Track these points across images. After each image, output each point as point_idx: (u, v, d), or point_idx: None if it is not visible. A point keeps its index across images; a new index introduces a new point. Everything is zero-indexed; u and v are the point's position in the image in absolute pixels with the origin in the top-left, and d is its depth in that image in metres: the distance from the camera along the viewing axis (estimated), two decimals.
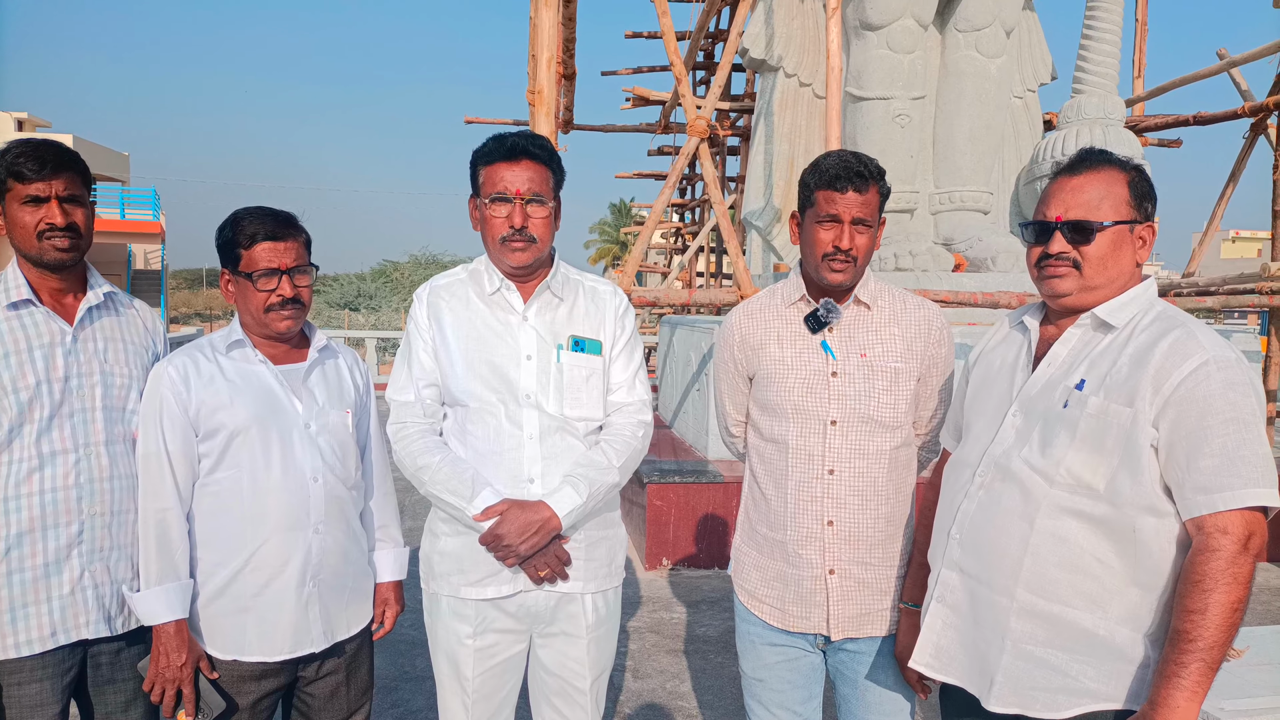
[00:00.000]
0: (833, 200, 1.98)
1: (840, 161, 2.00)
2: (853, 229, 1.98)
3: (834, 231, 1.99)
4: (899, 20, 6.39)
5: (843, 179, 1.97)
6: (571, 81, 8.10)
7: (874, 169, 2.01)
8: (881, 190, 2.04)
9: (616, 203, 48.15)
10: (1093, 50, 6.51)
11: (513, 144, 2.09)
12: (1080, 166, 1.71)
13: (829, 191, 1.98)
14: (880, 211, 2.05)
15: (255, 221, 2.07)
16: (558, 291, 2.18)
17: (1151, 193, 1.72)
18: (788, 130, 7.44)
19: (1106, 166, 1.69)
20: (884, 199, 2.06)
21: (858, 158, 2.02)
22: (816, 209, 2.01)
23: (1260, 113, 7.10)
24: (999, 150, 7.04)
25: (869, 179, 1.99)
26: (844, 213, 1.97)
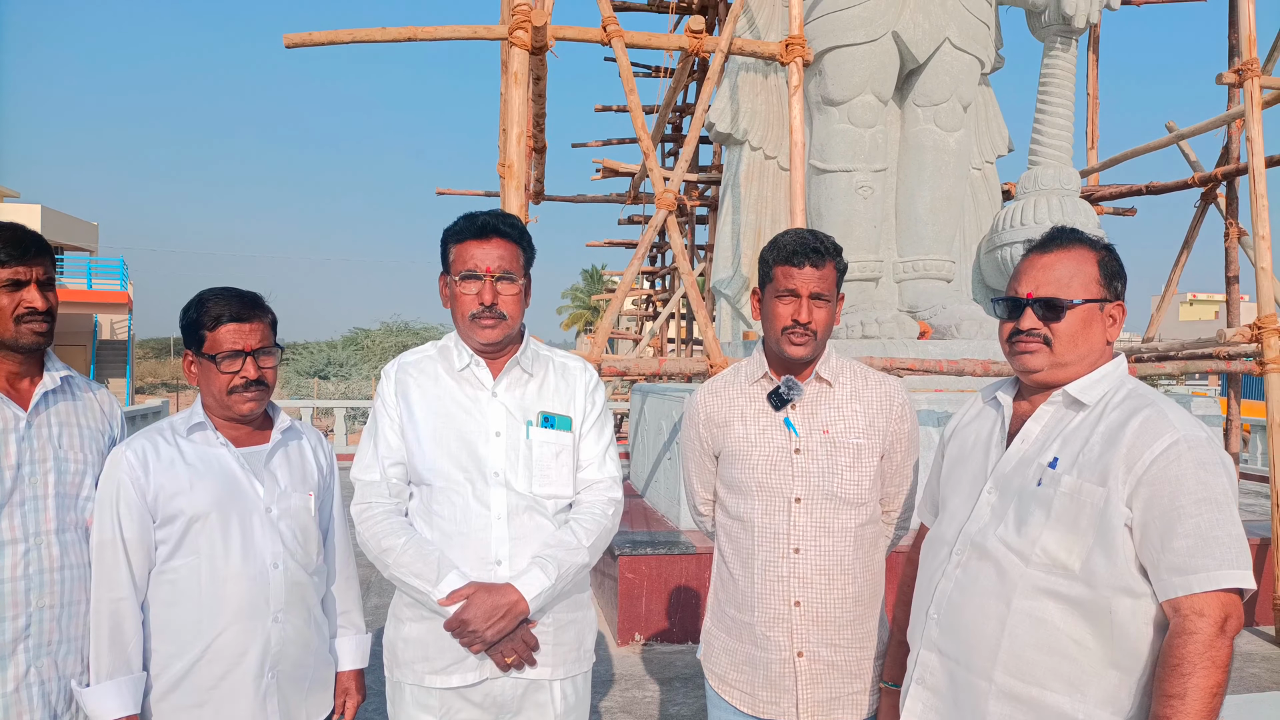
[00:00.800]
0: (790, 275, 2.02)
1: (797, 238, 2.05)
2: (811, 303, 2.02)
3: (792, 306, 2.02)
4: (859, 96, 6.58)
5: (799, 255, 2.01)
6: (542, 154, 8.22)
7: (830, 245, 2.05)
8: (838, 266, 2.07)
9: (589, 269, 48.57)
10: (1047, 124, 6.73)
11: (483, 222, 2.11)
12: (1051, 245, 1.74)
13: (787, 267, 2.02)
14: (839, 287, 2.09)
15: (220, 303, 2.05)
16: (527, 367, 2.18)
17: (1121, 272, 1.75)
18: (754, 201, 7.57)
19: (1077, 245, 1.73)
20: (841, 274, 2.09)
21: (814, 235, 2.06)
22: (775, 284, 2.05)
23: (1209, 183, 7.36)
24: (960, 220, 7.21)
25: (825, 255, 2.03)
26: (801, 287, 2.01)
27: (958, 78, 6.66)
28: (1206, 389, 19.55)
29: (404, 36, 4.98)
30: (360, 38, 4.92)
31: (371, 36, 4.92)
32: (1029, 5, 6.70)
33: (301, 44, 4.82)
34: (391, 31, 4.93)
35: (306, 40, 4.82)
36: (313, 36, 4.84)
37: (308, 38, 4.83)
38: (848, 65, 6.54)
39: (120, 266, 28.65)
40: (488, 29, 5.09)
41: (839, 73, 6.59)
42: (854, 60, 6.52)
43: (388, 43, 4.98)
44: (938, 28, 6.50)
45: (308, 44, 4.83)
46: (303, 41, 4.82)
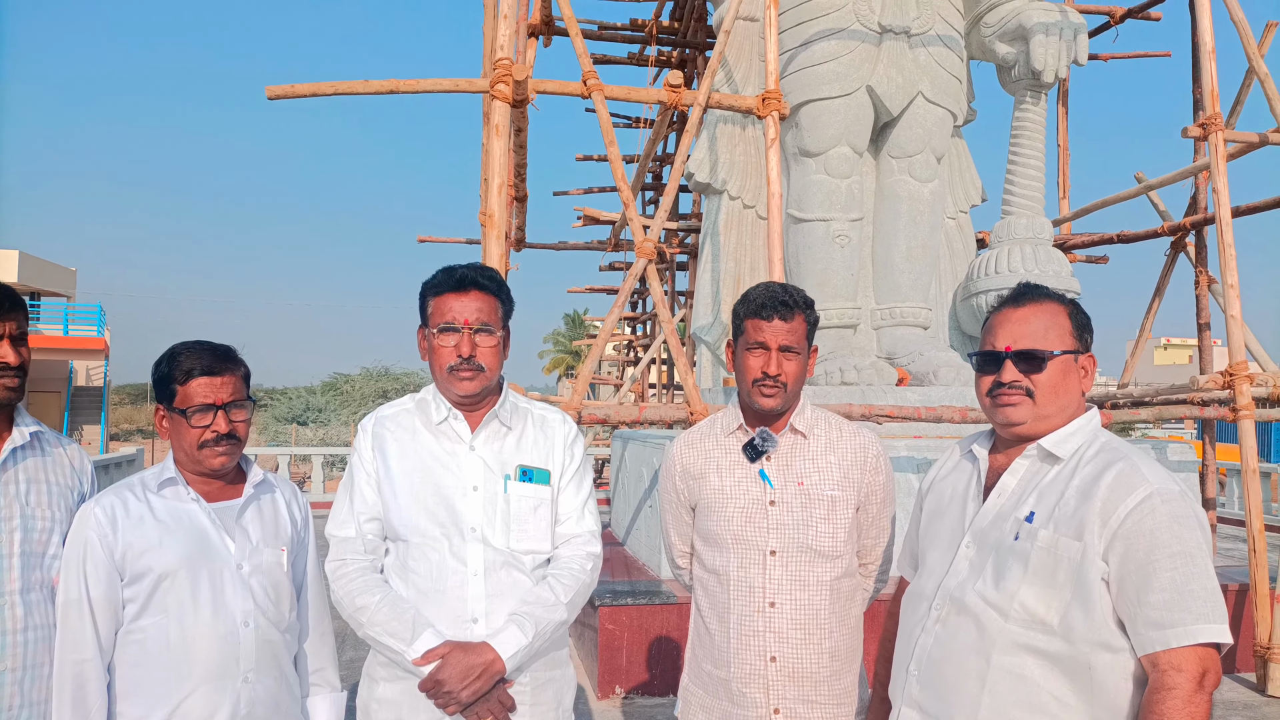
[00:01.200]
0: (760, 328, 2.04)
1: (767, 292, 2.08)
2: (780, 355, 2.04)
3: (762, 358, 2.04)
4: (835, 148, 6.70)
5: (769, 308, 2.04)
6: (523, 203, 8.29)
7: (799, 299, 2.08)
8: (809, 319, 2.10)
9: (570, 314, 48.69)
10: (1019, 174, 6.87)
11: (462, 275, 2.12)
12: (1023, 299, 1.78)
13: (756, 320, 2.05)
14: (810, 339, 2.11)
15: (192, 356, 2.04)
16: (505, 420, 2.17)
17: (1089, 324, 1.79)
18: (733, 249, 7.65)
19: (1046, 299, 1.77)
20: (812, 327, 2.12)
21: (784, 288, 2.09)
22: (746, 337, 2.08)
23: (1178, 232, 7.51)
24: (935, 268, 7.31)
25: (794, 308, 2.06)
26: (771, 340, 2.04)
27: (931, 130, 6.80)
28: (1183, 433, 19.74)
29: (386, 89, 5.04)
30: (342, 90, 4.97)
31: (354, 89, 4.97)
32: (999, 61, 6.88)
33: (284, 95, 4.86)
34: (374, 84, 4.99)
35: (289, 92, 4.86)
36: (295, 89, 4.88)
37: (290, 89, 4.87)
38: (824, 118, 6.67)
39: (98, 312, 28.44)
40: (470, 82, 5.16)
41: (815, 125, 6.71)
42: (830, 113, 6.64)
43: (370, 95, 5.04)
44: (911, 82, 6.65)
45: (290, 96, 4.87)
46: (285, 93, 4.87)
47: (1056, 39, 6.42)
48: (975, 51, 7.14)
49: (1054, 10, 6.60)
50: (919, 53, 6.65)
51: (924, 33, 6.61)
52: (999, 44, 6.81)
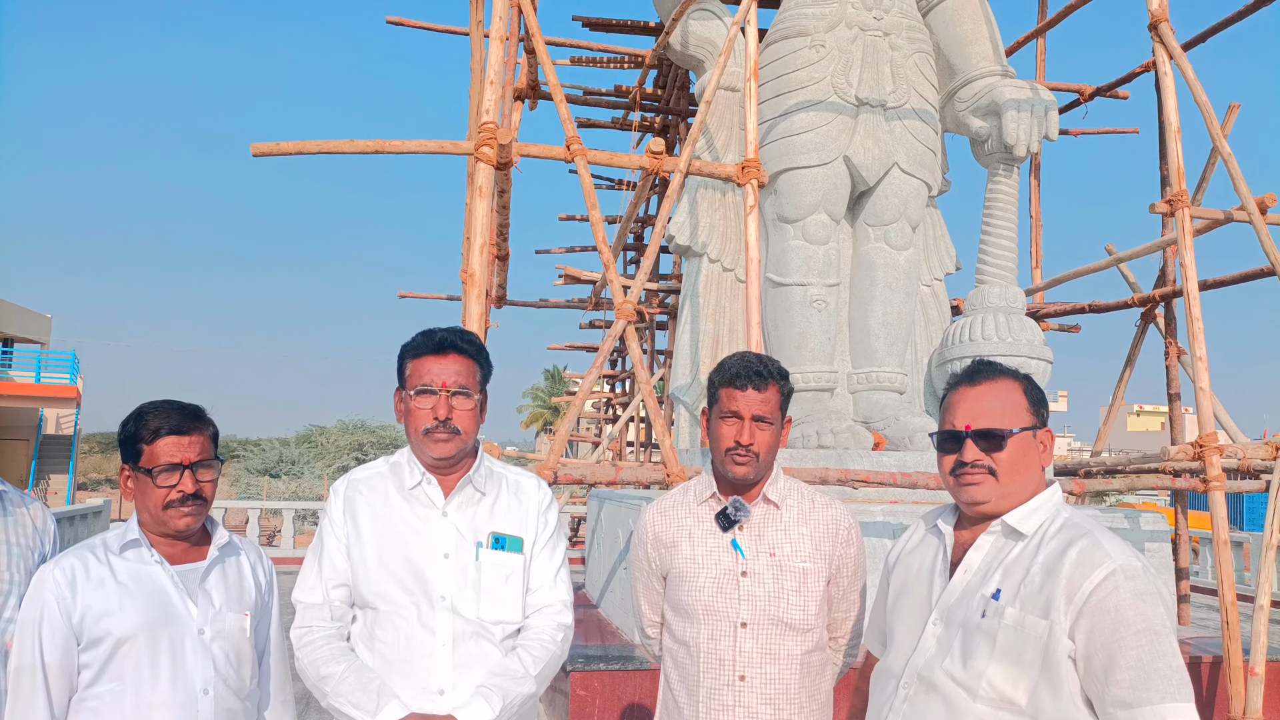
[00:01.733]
0: (734, 397, 2.07)
1: (742, 361, 2.10)
2: (753, 425, 2.06)
3: (735, 427, 2.06)
4: (813, 215, 6.83)
5: (742, 377, 2.07)
6: (505, 261, 8.34)
7: (774, 369, 2.11)
8: (782, 389, 2.12)
9: (550, 369, 48.65)
10: (992, 244, 7.00)
11: (441, 338, 2.14)
12: (978, 377, 1.81)
13: (730, 389, 2.08)
14: (784, 409, 2.13)
15: (160, 416, 2.03)
16: (480, 485, 2.16)
17: (1044, 399, 1.82)
18: (712, 310, 7.71)
19: (1001, 376, 1.80)
20: (786, 397, 2.14)
21: (759, 358, 2.12)
22: (720, 406, 2.10)
23: (1148, 303, 7.66)
24: (910, 333, 7.40)
25: (768, 378, 2.08)
26: (744, 409, 2.06)
27: (906, 200, 6.94)
28: (1156, 499, 19.88)
29: (371, 149, 5.10)
30: (328, 149, 5.03)
31: (339, 148, 5.03)
32: (973, 135, 7.07)
33: (269, 153, 4.90)
34: (359, 144, 5.05)
35: (274, 150, 4.91)
36: (280, 146, 4.93)
37: (275, 147, 4.92)
38: (802, 186, 6.80)
39: (71, 360, 28.13)
40: (454, 144, 5.24)
41: (793, 192, 6.84)
42: (808, 181, 6.78)
43: (356, 154, 5.09)
44: (886, 153, 6.81)
45: (275, 153, 4.92)
46: (270, 151, 4.91)
47: (1028, 115, 6.61)
48: (949, 125, 7.34)
49: (1025, 88, 6.81)
50: (895, 125, 6.82)
51: (899, 106, 6.80)
52: (973, 118, 7.00)
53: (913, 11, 7.03)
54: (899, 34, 6.80)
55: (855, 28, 6.72)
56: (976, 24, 7.19)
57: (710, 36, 7.45)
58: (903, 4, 6.89)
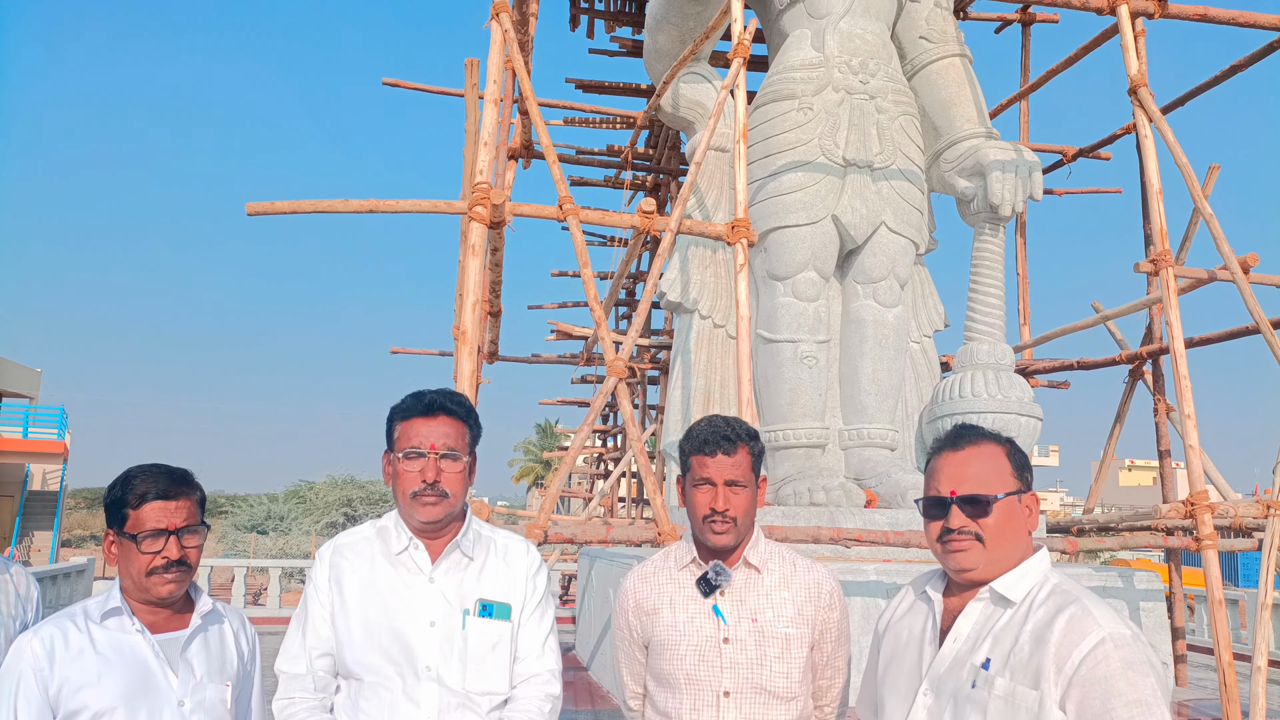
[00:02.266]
0: (704, 464, 2.06)
1: (709, 427, 2.11)
2: (727, 490, 2.05)
3: (709, 494, 2.06)
4: (803, 273, 6.90)
5: (711, 443, 2.07)
6: (497, 318, 8.38)
7: (743, 431, 2.10)
8: (753, 450, 2.12)
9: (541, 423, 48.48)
10: (979, 302, 7.07)
11: (430, 400, 2.14)
12: (961, 441, 1.81)
13: (700, 456, 2.08)
14: (756, 470, 2.12)
15: (147, 480, 2.02)
16: (468, 550, 2.14)
17: (1027, 463, 1.82)
18: (703, 366, 7.74)
19: (984, 441, 1.80)
20: (757, 458, 2.13)
21: (727, 422, 2.12)
22: (692, 473, 2.10)
23: (1135, 360, 7.72)
24: (901, 390, 7.42)
25: (737, 441, 2.08)
26: (716, 475, 2.05)
27: (894, 258, 7.03)
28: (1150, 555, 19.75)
29: (366, 208, 5.15)
30: (322, 208, 5.08)
31: (333, 207, 5.08)
32: (959, 195, 7.18)
33: (263, 212, 4.95)
34: (354, 203, 5.10)
35: (269, 209, 4.96)
36: (275, 205, 4.98)
37: (270, 206, 4.97)
38: (791, 244, 6.88)
39: (59, 415, 27.93)
40: (448, 204, 5.30)
41: (783, 251, 6.92)
42: (797, 240, 6.86)
43: (350, 214, 5.14)
44: (874, 213, 6.91)
45: (270, 212, 4.96)
46: (265, 210, 4.96)
47: (1013, 176, 6.73)
48: (935, 185, 7.47)
49: (1009, 149, 6.95)
50: (882, 185, 6.93)
51: (886, 167, 6.92)
52: (958, 179, 7.12)
53: (898, 76, 7.20)
54: (885, 97, 6.95)
55: (842, 91, 6.87)
56: (960, 88, 7.36)
57: (700, 99, 7.60)
58: (888, 68, 7.05)
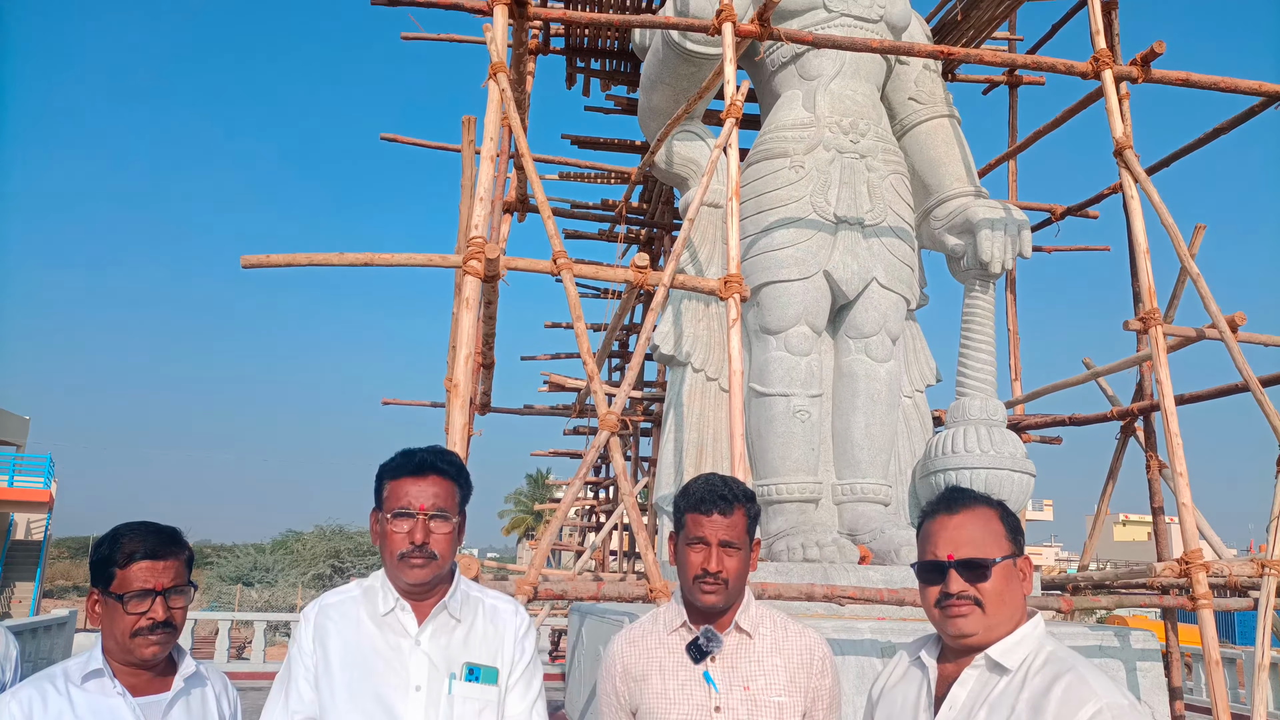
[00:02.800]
0: (699, 523, 2.05)
1: (706, 485, 2.09)
2: (721, 551, 2.03)
3: (702, 554, 2.04)
4: (795, 327, 6.94)
5: (707, 502, 2.05)
6: (490, 370, 8.38)
7: (740, 492, 2.09)
8: (749, 512, 2.11)
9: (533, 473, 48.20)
10: (971, 358, 7.11)
11: (421, 460, 2.13)
12: (955, 505, 1.81)
13: (696, 514, 2.06)
14: (751, 533, 2.11)
15: (135, 539, 2.00)
16: (455, 612, 2.12)
17: (1019, 526, 1.82)
18: (696, 419, 7.73)
19: (978, 504, 1.80)
20: (753, 520, 2.12)
21: (724, 481, 2.11)
22: (686, 532, 2.08)
23: (1127, 416, 7.74)
24: (894, 444, 7.41)
25: (734, 501, 2.07)
26: (710, 535, 2.04)
27: (885, 313, 7.08)
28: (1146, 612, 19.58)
29: (361, 261, 5.18)
30: (317, 261, 5.11)
31: (328, 260, 5.11)
32: (949, 251, 7.27)
33: (258, 265, 4.97)
34: (349, 256, 5.13)
35: (264, 262, 4.98)
36: (270, 259, 5.01)
37: (265, 259, 4.99)
38: (783, 299, 6.93)
39: (46, 463, 27.67)
40: (443, 258, 5.33)
41: (775, 305, 6.97)
42: (789, 295, 6.92)
43: (345, 266, 5.17)
44: (865, 269, 6.98)
45: (265, 265, 4.98)
46: (260, 263, 4.98)
47: (1002, 234, 6.82)
48: (925, 241, 7.55)
49: (998, 207, 7.05)
50: (872, 242, 7.01)
51: (877, 224, 7.01)
52: (948, 236, 7.21)
53: (888, 135, 7.33)
54: (875, 156, 7.07)
55: (833, 150, 6.99)
56: (949, 147, 7.49)
57: (694, 156, 7.71)
58: (878, 128, 7.18)
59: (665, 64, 7.46)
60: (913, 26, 7.82)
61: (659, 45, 7.47)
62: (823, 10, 7.26)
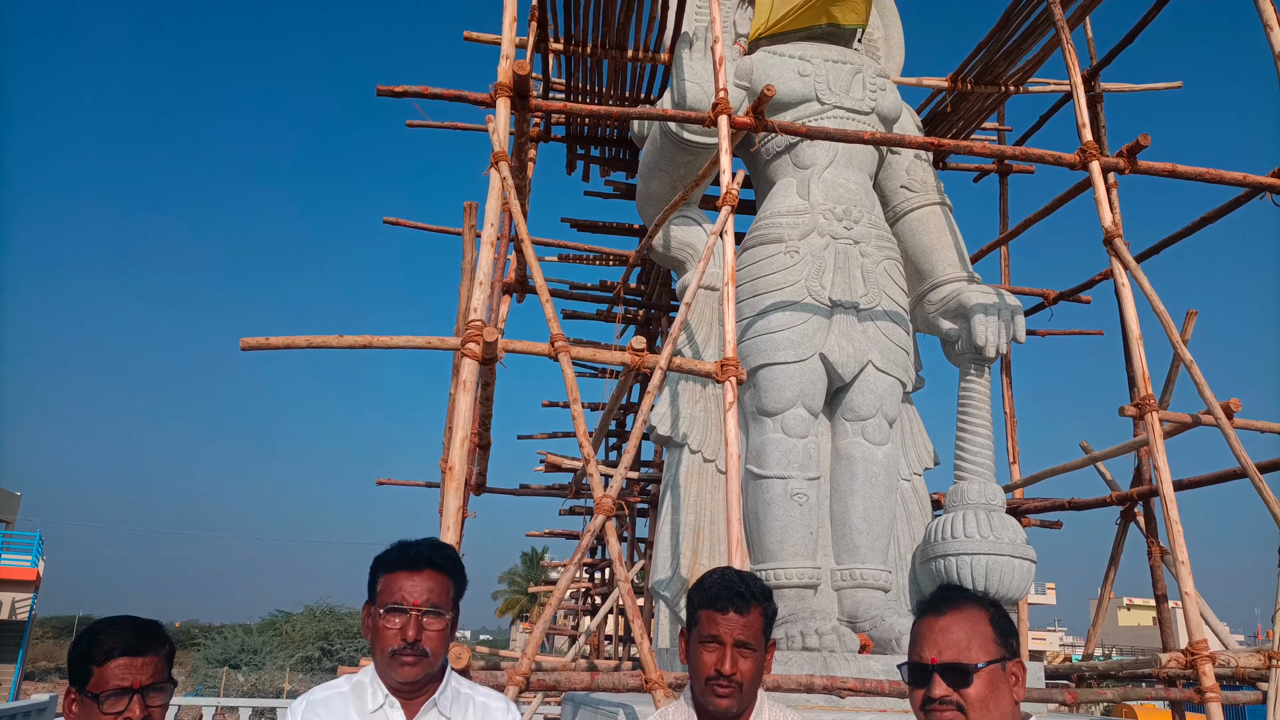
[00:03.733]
0: (714, 621, 1.99)
1: (723, 580, 2.04)
2: (735, 652, 1.97)
3: (716, 654, 1.97)
4: (792, 409, 6.95)
5: (723, 599, 2.00)
6: (486, 450, 8.35)
7: (757, 589, 2.05)
8: (766, 611, 2.06)
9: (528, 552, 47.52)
10: (968, 442, 7.10)
11: (416, 553, 2.11)
12: (944, 605, 1.78)
13: (711, 612, 2.00)
14: (767, 634, 2.06)
15: (114, 635, 1.97)
16: (445, 710, 2.08)
17: (1013, 628, 1.79)
18: (693, 501, 7.66)
19: (967, 604, 1.78)
20: (769, 620, 2.07)
21: (741, 577, 2.06)
22: (700, 629, 2.02)
23: (1126, 501, 7.69)
24: (893, 528, 7.34)
25: (751, 600, 2.01)
26: (725, 634, 1.98)
27: (882, 396, 7.10)
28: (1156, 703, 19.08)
29: (360, 344, 5.21)
30: (316, 343, 5.14)
31: (328, 343, 5.14)
32: (943, 335, 7.33)
33: (258, 347, 5.00)
34: (348, 339, 5.17)
35: (263, 344, 5.01)
36: (270, 341, 5.04)
37: (264, 342, 5.03)
38: (780, 381, 6.96)
39: (35, 541, 27.27)
40: (441, 341, 5.37)
41: (772, 387, 6.99)
42: (785, 377, 6.95)
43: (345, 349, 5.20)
44: (861, 352, 7.03)
45: (264, 348, 5.01)
46: (259, 345, 5.01)
47: (995, 319, 6.89)
48: (920, 325, 7.62)
49: (991, 292, 7.14)
50: (867, 326, 7.08)
51: (871, 308, 7.08)
52: (942, 320, 7.28)
53: (880, 222, 7.47)
54: (868, 242, 7.19)
55: (827, 236, 7.11)
56: (942, 234, 7.63)
57: (691, 241, 7.84)
58: (871, 215, 7.33)
59: (663, 152, 7.64)
60: (904, 118, 8.05)
61: (657, 134, 7.67)
62: (815, 102, 7.48)
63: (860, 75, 7.64)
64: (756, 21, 8.13)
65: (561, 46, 7.77)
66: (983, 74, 8.73)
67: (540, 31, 7.42)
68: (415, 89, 6.08)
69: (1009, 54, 8.49)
